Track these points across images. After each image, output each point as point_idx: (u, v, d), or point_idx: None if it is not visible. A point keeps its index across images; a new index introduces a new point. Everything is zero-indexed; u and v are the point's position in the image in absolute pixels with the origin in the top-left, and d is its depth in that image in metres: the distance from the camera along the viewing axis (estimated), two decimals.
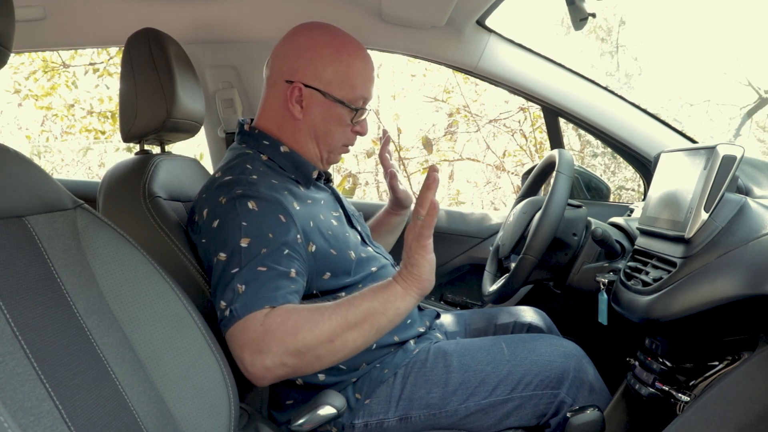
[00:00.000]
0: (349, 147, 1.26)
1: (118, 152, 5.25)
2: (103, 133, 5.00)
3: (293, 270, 1.03)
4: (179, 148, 1.52)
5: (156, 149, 1.37)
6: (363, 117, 1.23)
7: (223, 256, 1.02)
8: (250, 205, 1.05)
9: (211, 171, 1.52)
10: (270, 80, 1.22)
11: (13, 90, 4.78)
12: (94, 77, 4.63)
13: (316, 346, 0.94)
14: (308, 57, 1.16)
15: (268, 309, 0.96)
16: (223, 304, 0.98)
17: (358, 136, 1.25)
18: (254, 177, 1.11)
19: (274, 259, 1.01)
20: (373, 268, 1.22)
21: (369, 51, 1.23)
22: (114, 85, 4.67)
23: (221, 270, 1.01)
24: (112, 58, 4.49)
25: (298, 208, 1.11)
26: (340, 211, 1.27)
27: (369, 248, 1.27)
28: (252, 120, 1.26)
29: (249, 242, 1.02)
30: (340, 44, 1.17)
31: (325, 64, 1.16)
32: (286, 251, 1.03)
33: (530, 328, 1.42)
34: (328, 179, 1.30)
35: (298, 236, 1.07)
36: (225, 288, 0.99)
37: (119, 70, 1.25)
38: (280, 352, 0.93)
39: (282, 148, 1.19)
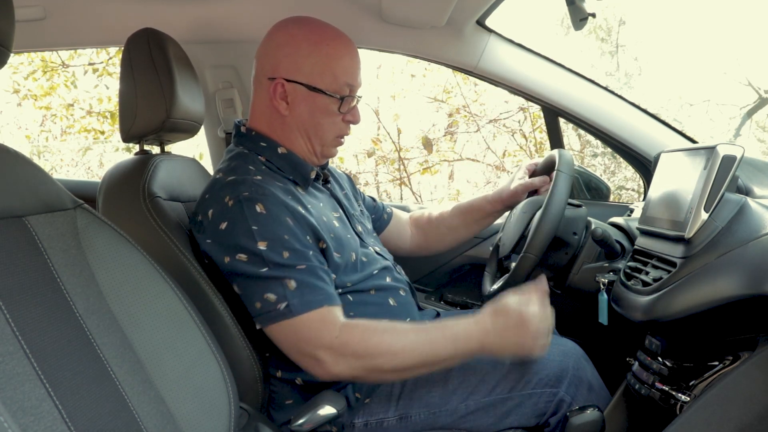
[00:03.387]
0: (343, 138, 1.24)
1: (118, 152, 5.25)
2: (102, 133, 4.99)
3: (324, 264, 1.08)
4: (179, 148, 1.52)
5: (156, 149, 1.37)
6: (352, 105, 1.20)
7: (243, 257, 1.04)
8: (258, 208, 1.05)
9: (211, 171, 1.52)
10: (255, 81, 1.22)
11: (13, 90, 4.78)
12: (94, 77, 4.63)
13: (390, 372, 1.04)
14: (287, 52, 1.15)
15: (327, 308, 1.03)
16: (271, 296, 1.02)
17: (351, 126, 1.23)
18: (258, 178, 1.10)
19: (301, 255, 1.05)
20: (374, 271, 1.22)
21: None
22: (113, 85, 4.66)
23: (248, 270, 1.04)
24: (111, 58, 4.48)
25: (302, 211, 1.11)
26: (341, 211, 1.27)
27: (369, 249, 1.26)
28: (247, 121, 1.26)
29: (267, 245, 1.03)
30: (317, 35, 1.16)
31: (304, 56, 1.14)
32: (309, 251, 1.06)
33: None
34: (326, 180, 1.29)
35: (308, 237, 1.08)
36: (264, 284, 1.02)
37: (119, 70, 1.25)
38: (357, 367, 1.02)
39: (279, 150, 1.19)
